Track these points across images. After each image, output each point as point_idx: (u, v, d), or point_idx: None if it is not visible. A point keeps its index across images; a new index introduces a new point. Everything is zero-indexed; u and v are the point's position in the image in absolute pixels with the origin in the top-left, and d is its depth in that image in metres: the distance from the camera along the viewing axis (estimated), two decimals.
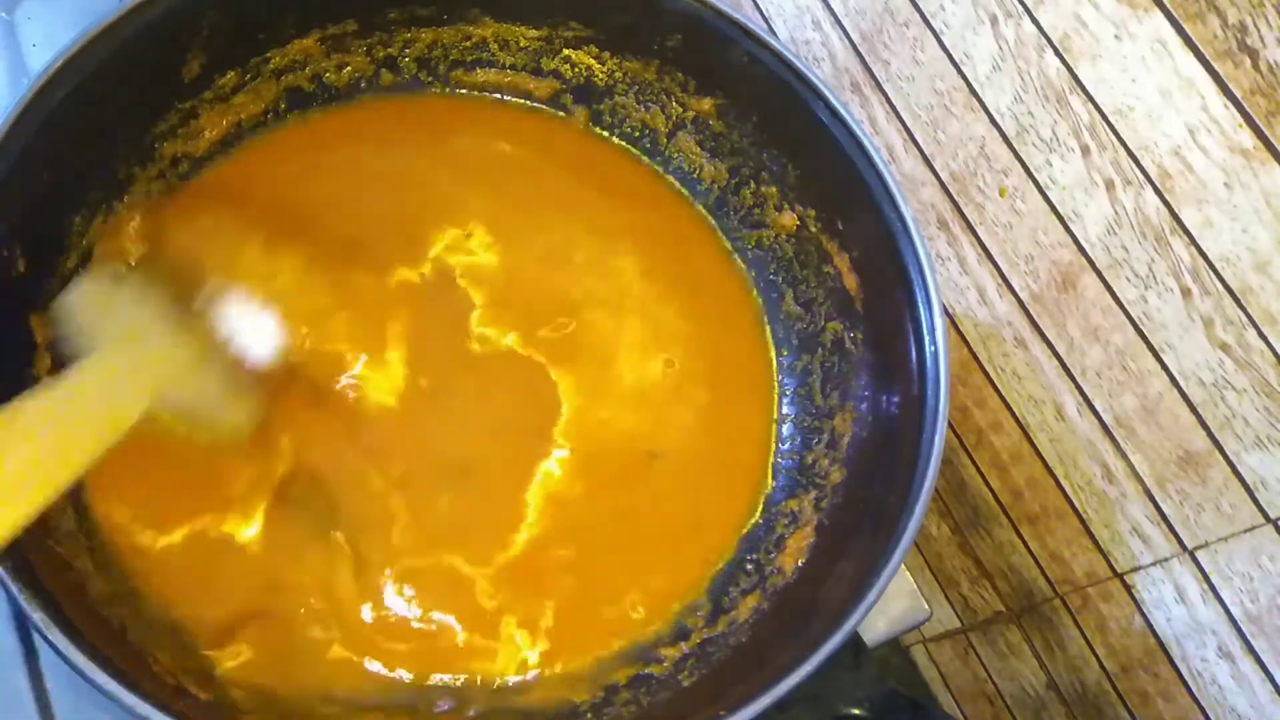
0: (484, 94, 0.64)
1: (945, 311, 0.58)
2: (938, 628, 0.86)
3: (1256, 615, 0.54)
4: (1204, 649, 0.58)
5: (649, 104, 0.63)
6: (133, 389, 0.47)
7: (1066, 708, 0.73)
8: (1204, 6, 0.45)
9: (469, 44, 0.62)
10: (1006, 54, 0.55)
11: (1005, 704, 0.81)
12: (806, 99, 0.54)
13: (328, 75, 0.61)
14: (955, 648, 0.85)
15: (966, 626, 0.82)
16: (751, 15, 0.72)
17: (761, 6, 0.72)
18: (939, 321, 0.51)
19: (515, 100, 0.64)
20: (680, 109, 0.62)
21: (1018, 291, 0.61)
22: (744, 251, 0.63)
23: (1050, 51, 0.52)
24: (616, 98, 0.63)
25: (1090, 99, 0.51)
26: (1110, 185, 0.52)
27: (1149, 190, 0.50)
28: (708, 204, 0.64)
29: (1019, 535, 0.70)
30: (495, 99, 0.64)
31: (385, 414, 0.56)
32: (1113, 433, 0.59)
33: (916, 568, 0.83)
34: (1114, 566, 0.63)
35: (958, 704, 0.88)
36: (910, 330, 0.52)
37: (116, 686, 0.40)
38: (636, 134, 0.64)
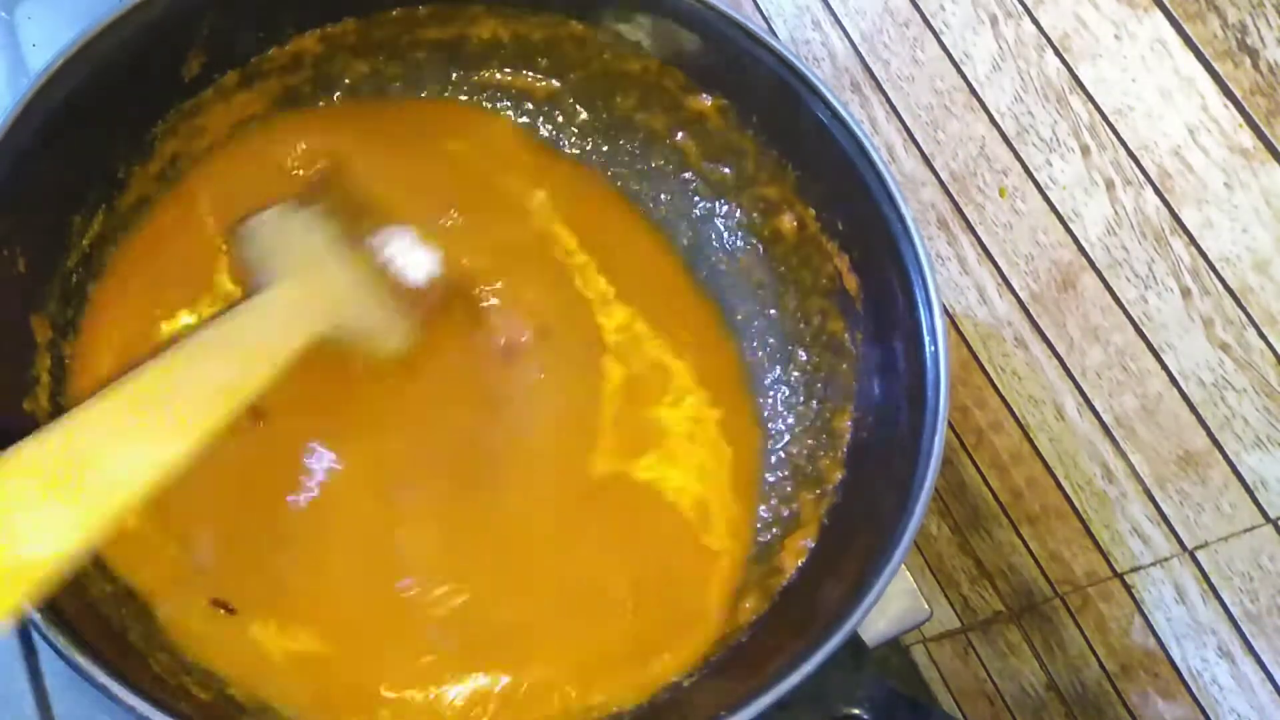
0: (484, 94, 0.64)
1: (945, 311, 0.58)
2: (938, 628, 0.86)
3: (1256, 615, 0.54)
4: (1204, 649, 0.58)
5: (649, 104, 0.63)
6: (308, 313, 0.52)
7: (1066, 708, 0.73)
8: (1204, 6, 0.45)
9: (469, 44, 0.62)
10: (1006, 54, 0.55)
11: (1005, 704, 0.81)
12: (806, 99, 0.54)
13: (329, 76, 0.61)
14: (955, 648, 0.85)
15: (966, 626, 0.82)
16: (751, 15, 0.72)
17: (761, 6, 0.72)
18: (939, 321, 0.51)
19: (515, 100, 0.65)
20: (680, 109, 0.62)
21: (1018, 291, 0.61)
22: (743, 251, 0.63)
23: (1050, 51, 0.52)
24: (616, 98, 0.63)
25: (1090, 99, 0.51)
26: (1110, 185, 0.52)
27: (1149, 190, 0.50)
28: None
29: (1019, 535, 0.70)
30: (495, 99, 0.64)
31: None
32: (1113, 433, 0.59)
33: (916, 568, 0.83)
34: (1114, 566, 0.63)
35: (958, 704, 0.88)
36: (910, 330, 0.52)
37: (117, 686, 0.40)
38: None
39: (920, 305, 0.51)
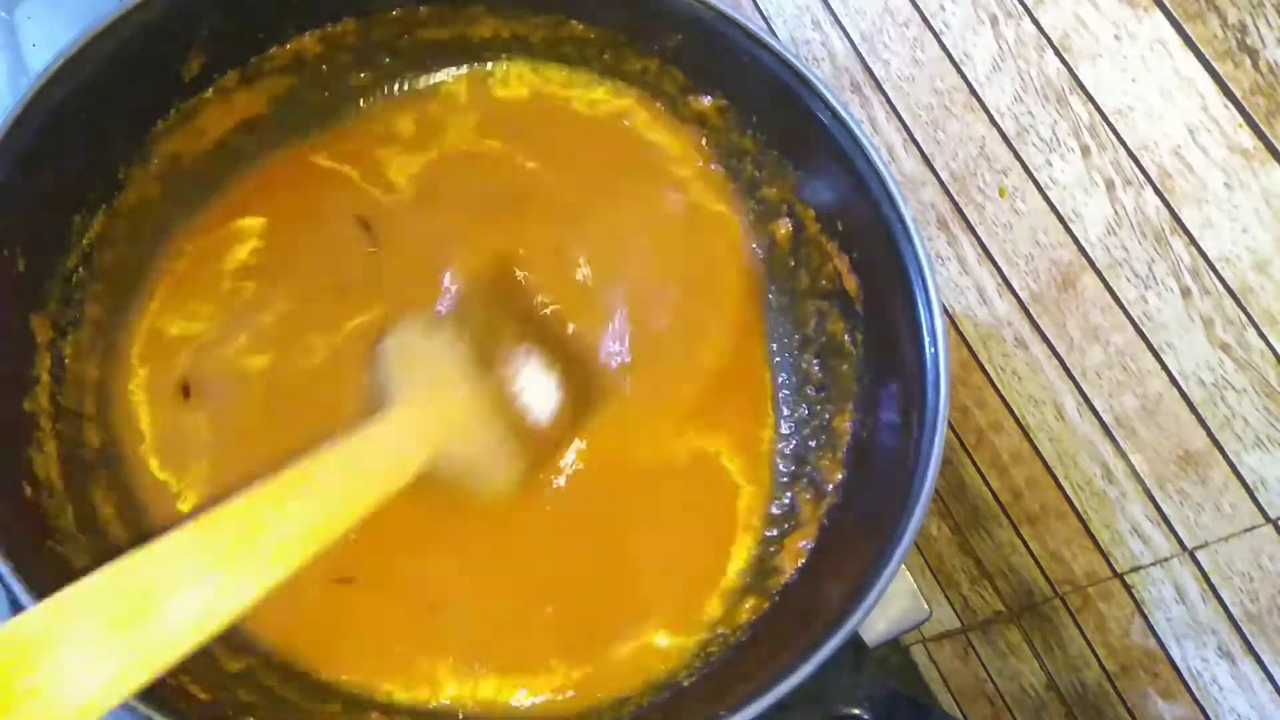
0: None
1: (945, 311, 0.58)
2: (938, 628, 0.86)
3: (1256, 615, 0.54)
4: (1204, 649, 0.58)
5: (649, 104, 0.63)
6: (422, 440, 0.49)
7: (1066, 708, 0.73)
8: (1204, 6, 0.45)
9: (469, 44, 0.62)
10: (1006, 54, 0.55)
11: (1005, 704, 0.81)
12: (806, 99, 0.54)
13: (329, 75, 0.61)
14: (955, 648, 0.85)
15: (966, 626, 0.82)
16: (751, 15, 0.72)
17: (761, 6, 0.72)
18: (939, 322, 0.51)
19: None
20: (680, 109, 0.62)
21: (1018, 291, 0.61)
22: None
23: (1050, 51, 0.52)
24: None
25: (1090, 99, 0.51)
26: (1110, 185, 0.52)
27: (1149, 190, 0.50)
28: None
29: (1019, 535, 0.70)
30: None
31: None
32: (1113, 433, 0.59)
33: (916, 568, 0.83)
34: (1114, 566, 0.63)
35: (958, 704, 0.88)
36: (910, 330, 0.52)
37: None
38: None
39: (920, 305, 0.51)
